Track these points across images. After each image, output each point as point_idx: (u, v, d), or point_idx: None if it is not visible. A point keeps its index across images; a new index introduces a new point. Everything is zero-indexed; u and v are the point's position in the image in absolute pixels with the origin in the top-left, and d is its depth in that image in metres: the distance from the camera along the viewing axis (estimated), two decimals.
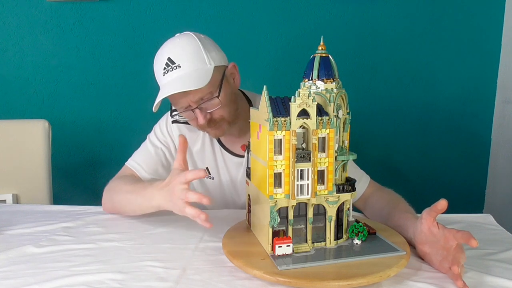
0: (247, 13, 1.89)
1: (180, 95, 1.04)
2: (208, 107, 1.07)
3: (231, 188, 1.23)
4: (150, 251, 0.90)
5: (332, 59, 0.85)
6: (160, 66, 1.07)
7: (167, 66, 1.05)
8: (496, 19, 1.92)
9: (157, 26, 1.89)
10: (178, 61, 1.04)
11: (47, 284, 0.76)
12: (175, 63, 1.04)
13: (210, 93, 1.05)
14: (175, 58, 1.05)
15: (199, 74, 1.04)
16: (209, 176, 1.22)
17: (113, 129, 1.96)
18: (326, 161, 0.80)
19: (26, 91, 1.92)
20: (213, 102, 1.06)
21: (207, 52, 1.07)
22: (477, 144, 2.04)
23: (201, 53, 1.06)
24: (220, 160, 1.22)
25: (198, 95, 1.04)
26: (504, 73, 1.95)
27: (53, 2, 1.84)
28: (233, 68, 1.15)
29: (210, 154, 1.22)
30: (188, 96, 1.04)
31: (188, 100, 1.05)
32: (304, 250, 0.81)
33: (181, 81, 1.02)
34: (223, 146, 1.22)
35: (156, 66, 1.09)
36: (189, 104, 1.06)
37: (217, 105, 1.07)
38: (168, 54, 1.06)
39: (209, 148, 1.22)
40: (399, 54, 1.94)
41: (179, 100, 1.06)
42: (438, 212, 0.81)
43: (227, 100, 1.09)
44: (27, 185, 1.48)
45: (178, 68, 1.04)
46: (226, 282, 0.77)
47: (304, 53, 0.93)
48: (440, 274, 0.80)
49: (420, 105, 1.99)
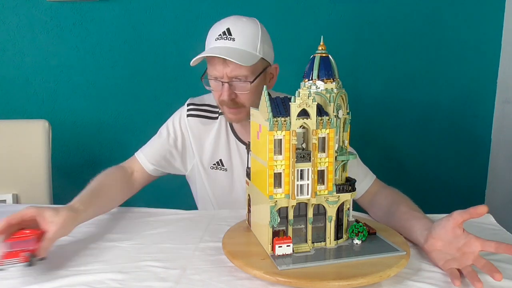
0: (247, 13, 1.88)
1: (220, 63, 1.07)
2: (238, 87, 1.11)
3: (243, 175, 1.25)
4: (150, 251, 0.90)
5: (332, 59, 0.85)
6: (216, 32, 1.11)
7: (223, 34, 1.09)
8: (496, 19, 1.92)
9: (157, 26, 1.89)
10: (235, 35, 1.09)
11: (47, 284, 0.76)
12: (232, 35, 1.09)
13: (245, 76, 1.09)
14: (233, 31, 1.09)
15: (246, 54, 1.08)
16: (222, 167, 1.26)
17: (113, 129, 1.96)
18: (326, 161, 0.80)
19: (26, 91, 1.92)
20: (244, 85, 1.10)
21: (262, 42, 1.12)
22: (477, 144, 2.04)
23: (257, 40, 1.11)
24: (234, 149, 1.25)
25: (235, 71, 1.08)
26: (504, 73, 1.95)
27: (53, 2, 1.84)
28: (274, 69, 1.21)
29: (224, 144, 1.25)
30: (227, 68, 1.07)
31: (225, 72, 1.08)
32: (304, 250, 0.81)
33: (229, 51, 1.06)
34: (238, 138, 1.25)
35: (213, 31, 1.13)
36: (223, 75, 1.09)
37: (246, 90, 1.10)
38: (229, 25, 1.10)
39: (224, 138, 1.25)
40: (399, 54, 1.94)
41: (217, 67, 1.09)
42: (474, 216, 0.80)
43: (256, 91, 1.12)
44: (27, 185, 1.48)
45: (232, 40, 1.09)
46: (226, 282, 0.77)
47: (304, 53, 0.93)
48: (440, 274, 0.80)
49: (420, 105, 1.99)
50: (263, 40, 1.12)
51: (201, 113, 1.26)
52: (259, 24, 1.14)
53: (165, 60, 1.92)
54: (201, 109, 1.26)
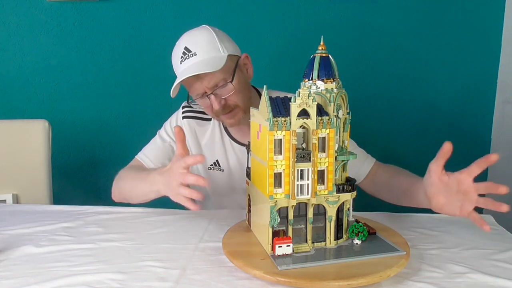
0: (247, 13, 1.88)
1: (195, 80, 1.09)
2: (223, 93, 1.12)
3: (240, 174, 1.27)
4: (150, 251, 0.90)
5: (332, 59, 0.85)
6: (178, 56, 1.13)
7: (184, 55, 1.11)
8: (496, 19, 1.92)
9: (157, 26, 1.89)
10: (194, 49, 1.10)
11: (47, 284, 0.76)
12: (191, 51, 1.10)
13: (223, 79, 1.11)
14: (191, 47, 1.11)
15: (213, 60, 1.09)
16: (219, 168, 1.27)
17: (113, 129, 1.96)
18: (326, 161, 0.80)
19: (26, 91, 1.92)
20: (227, 88, 1.12)
21: (221, 42, 1.13)
22: (477, 144, 2.03)
23: (215, 42, 1.12)
24: (230, 149, 1.26)
25: (212, 80, 1.09)
26: (504, 73, 1.94)
27: (53, 2, 1.84)
28: (245, 59, 1.21)
29: (219, 145, 1.27)
30: (203, 81, 1.09)
31: (203, 86, 1.10)
32: (304, 250, 0.81)
33: (196, 66, 1.08)
34: (232, 138, 1.26)
35: (174, 56, 1.15)
36: (204, 90, 1.11)
37: (231, 90, 1.12)
38: (184, 44, 1.12)
39: (218, 139, 1.27)
40: (399, 54, 1.94)
41: (195, 86, 1.11)
42: (444, 157, 0.86)
43: (241, 87, 1.15)
44: (27, 185, 1.48)
45: (194, 55, 1.10)
46: (226, 282, 0.76)
47: (304, 53, 0.93)
48: (440, 274, 0.80)
49: (420, 105, 1.99)
50: (220, 40, 1.13)
51: (196, 115, 1.28)
52: (209, 28, 1.15)
53: (165, 60, 1.90)
54: (196, 111, 1.28)
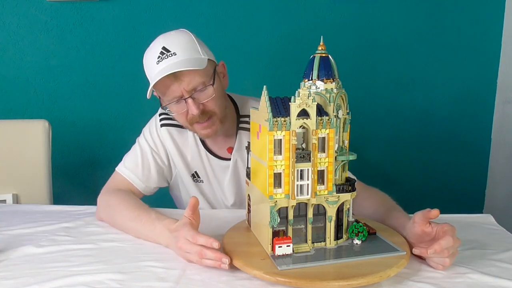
0: (247, 13, 1.88)
1: (173, 81, 1.02)
2: (201, 97, 1.05)
3: (219, 190, 1.23)
4: (150, 251, 0.90)
5: (332, 59, 0.85)
6: (153, 57, 1.05)
7: (162, 55, 1.03)
8: (496, 19, 1.92)
9: (157, 26, 1.89)
10: (173, 49, 1.03)
11: (47, 284, 0.76)
12: (170, 51, 1.03)
13: (203, 82, 1.04)
14: (170, 47, 1.04)
15: (194, 61, 1.03)
16: (198, 179, 1.22)
17: (113, 129, 1.96)
18: (326, 161, 0.80)
19: (26, 91, 1.92)
20: (206, 91, 1.05)
21: (200, 45, 1.08)
22: (477, 144, 2.03)
23: (195, 44, 1.07)
24: (207, 163, 1.21)
25: (192, 82, 1.03)
26: (504, 73, 1.95)
27: (53, 2, 1.84)
28: (222, 67, 1.16)
29: (197, 158, 1.21)
30: (182, 83, 1.02)
31: (181, 89, 1.03)
32: (304, 250, 0.81)
33: (176, 65, 1.01)
34: (208, 150, 1.21)
35: (149, 58, 1.07)
36: (181, 93, 1.04)
37: (211, 95, 1.05)
38: (162, 44, 1.05)
39: (196, 153, 1.21)
40: (399, 54, 1.94)
41: (172, 88, 1.03)
42: (431, 219, 0.82)
43: (219, 94, 1.09)
44: (27, 185, 1.48)
45: (174, 55, 1.03)
46: (226, 282, 0.77)
47: (304, 53, 0.93)
48: (440, 274, 0.80)
49: (420, 105, 1.99)
50: (200, 43, 1.08)
51: (174, 122, 1.19)
52: (187, 31, 1.10)
53: None
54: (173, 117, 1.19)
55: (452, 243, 0.78)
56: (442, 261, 0.80)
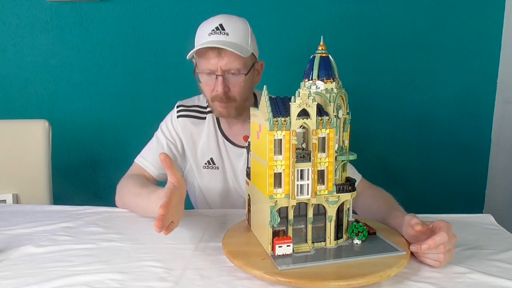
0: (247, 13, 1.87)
1: (215, 56, 1.10)
2: (231, 81, 1.13)
3: (233, 177, 1.28)
4: (150, 251, 0.90)
5: (332, 59, 0.85)
6: (208, 27, 1.13)
7: (217, 29, 1.12)
8: (496, 19, 1.92)
9: (157, 26, 1.89)
10: (228, 30, 1.12)
11: (47, 284, 0.76)
12: (225, 30, 1.12)
13: (238, 69, 1.12)
14: (226, 27, 1.12)
15: (240, 47, 1.11)
16: (214, 166, 1.28)
17: (113, 129, 1.96)
18: (326, 161, 0.80)
19: (26, 91, 1.92)
20: (237, 78, 1.13)
21: (251, 39, 1.17)
22: (477, 144, 2.03)
23: (247, 36, 1.15)
24: (223, 150, 1.27)
25: (230, 64, 1.11)
26: (504, 73, 1.95)
27: (53, 2, 1.84)
28: (260, 66, 1.24)
29: (214, 143, 1.27)
30: (222, 60, 1.10)
31: (219, 65, 1.11)
32: (304, 250, 0.81)
33: (225, 43, 1.09)
34: (226, 137, 1.27)
35: (204, 27, 1.15)
36: (217, 68, 1.11)
37: (240, 82, 1.13)
38: (220, 21, 1.13)
39: (213, 139, 1.27)
40: (399, 54, 1.94)
41: (211, 61, 1.11)
42: (412, 226, 0.83)
43: (247, 85, 1.16)
44: (27, 185, 1.48)
45: (226, 34, 1.11)
46: (226, 282, 0.76)
47: (304, 53, 0.93)
48: (440, 274, 0.80)
49: (420, 105, 1.99)
50: (252, 37, 1.17)
51: (190, 113, 1.28)
52: (247, 22, 1.19)
53: (165, 60, 1.91)
54: (190, 110, 1.28)
55: (447, 238, 0.79)
56: (437, 257, 0.80)
